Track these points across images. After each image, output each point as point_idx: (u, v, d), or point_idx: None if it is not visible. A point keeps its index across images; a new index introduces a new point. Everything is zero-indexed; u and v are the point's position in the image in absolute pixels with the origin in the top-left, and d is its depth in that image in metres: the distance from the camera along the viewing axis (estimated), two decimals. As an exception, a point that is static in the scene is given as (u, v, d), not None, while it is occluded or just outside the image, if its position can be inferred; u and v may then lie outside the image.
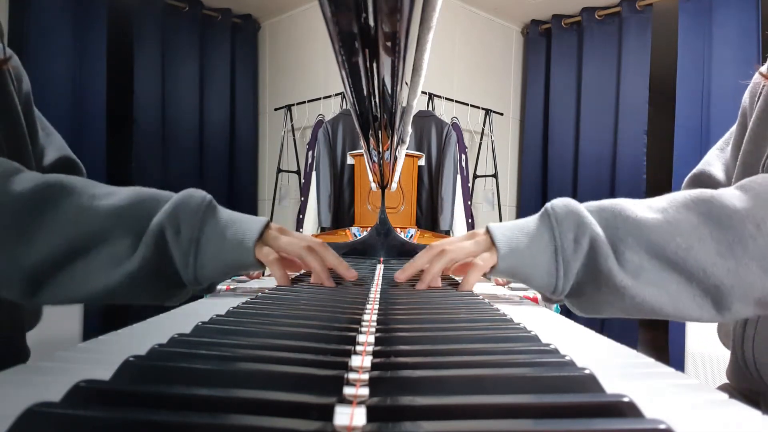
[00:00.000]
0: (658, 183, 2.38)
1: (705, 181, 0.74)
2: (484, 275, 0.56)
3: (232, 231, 0.51)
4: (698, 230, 0.46)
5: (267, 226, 0.55)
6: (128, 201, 0.49)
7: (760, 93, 0.63)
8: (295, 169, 2.89)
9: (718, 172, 0.73)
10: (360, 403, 0.23)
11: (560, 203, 0.51)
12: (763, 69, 0.64)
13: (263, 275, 0.84)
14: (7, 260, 0.45)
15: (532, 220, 0.53)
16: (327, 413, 0.20)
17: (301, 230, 2.50)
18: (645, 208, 0.49)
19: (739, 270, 0.45)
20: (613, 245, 0.48)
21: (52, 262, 0.46)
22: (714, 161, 0.74)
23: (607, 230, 0.48)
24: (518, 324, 0.39)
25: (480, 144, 2.92)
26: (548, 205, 0.52)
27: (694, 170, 0.77)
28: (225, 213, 0.53)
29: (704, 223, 0.47)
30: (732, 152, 0.71)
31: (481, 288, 0.78)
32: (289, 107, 2.89)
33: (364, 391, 0.24)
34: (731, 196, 0.48)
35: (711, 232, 0.46)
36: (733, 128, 0.72)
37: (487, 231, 0.54)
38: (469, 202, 2.60)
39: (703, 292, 0.46)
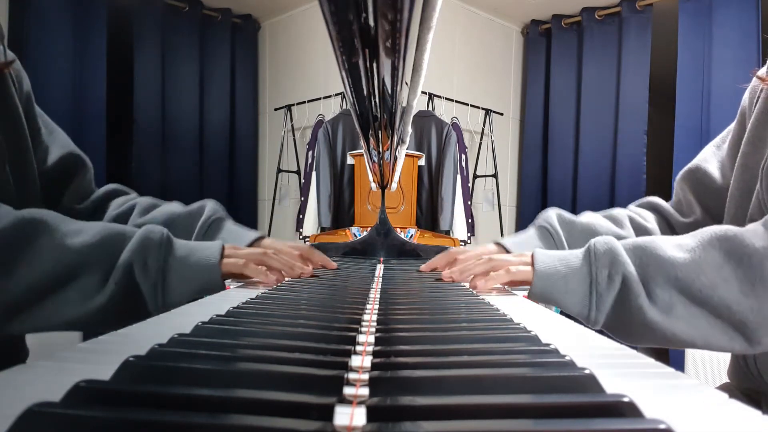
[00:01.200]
0: (658, 183, 2.38)
1: (700, 176, 0.75)
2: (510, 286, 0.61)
3: (195, 257, 0.56)
4: (722, 269, 0.49)
5: (223, 247, 0.59)
6: (98, 238, 0.53)
7: (759, 95, 0.63)
8: (295, 169, 2.89)
9: (713, 169, 0.73)
10: (360, 403, 0.23)
11: (601, 241, 0.55)
12: (761, 72, 0.64)
13: None
14: None
15: (575, 253, 0.57)
16: (327, 413, 0.20)
17: (301, 230, 2.49)
18: (675, 247, 0.52)
19: (762, 308, 0.47)
20: (645, 283, 0.51)
21: (28, 296, 0.49)
22: (710, 158, 0.75)
23: (640, 268, 0.52)
24: (518, 324, 0.39)
25: (480, 144, 2.92)
26: (592, 241, 0.56)
27: (690, 165, 0.78)
28: (182, 243, 0.57)
29: (728, 262, 0.49)
30: (729, 151, 0.72)
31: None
32: (289, 107, 2.89)
33: (364, 391, 0.24)
34: (754, 234, 0.50)
35: (734, 271, 0.49)
36: (731, 126, 0.72)
37: (532, 253, 0.59)
38: (469, 202, 2.60)
39: (731, 327, 0.49)
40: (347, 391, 0.24)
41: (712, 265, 0.50)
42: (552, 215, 0.79)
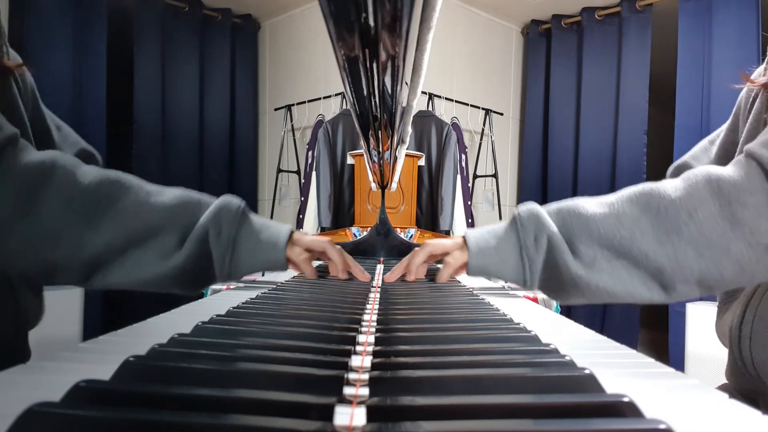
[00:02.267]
0: (658, 183, 2.37)
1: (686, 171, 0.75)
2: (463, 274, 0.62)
3: (265, 234, 0.58)
4: (640, 221, 0.52)
5: (293, 231, 0.61)
6: (177, 201, 0.55)
7: (753, 97, 0.63)
8: (295, 169, 2.89)
9: (702, 165, 0.73)
10: (360, 403, 0.23)
11: (524, 208, 0.58)
12: (755, 74, 0.64)
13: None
14: (72, 248, 0.49)
15: (502, 225, 0.59)
16: (327, 413, 0.20)
17: (301, 230, 2.49)
18: (596, 204, 0.55)
19: (677, 255, 0.50)
20: (569, 240, 0.54)
21: (111, 250, 0.50)
22: (700, 154, 0.76)
23: (563, 228, 0.54)
24: (518, 324, 0.39)
25: (480, 144, 2.92)
26: (515, 210, 0.58)
27: (679, 160, 0.78)
28: (257, 219, 0.59)
29: (644, 213, 0.52)
30: (720, 148, 0.72)
31: (479, 282, 0.78)
32: (289, 107, 2.89)
33: (364, 391, 0.24)
34: (670, 187, 0.53)
35: (651, 222, 0.52)
36: (725, 125, 0.73)
37: (463, 236, 0.61)
38: (469, 202, 2.60)
39: (649, 275, 0.51)
40: (347, 391, 0.24)
41: (631, 217, 0.52)
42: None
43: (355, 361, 0.30)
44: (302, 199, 2.56)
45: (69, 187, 0.51)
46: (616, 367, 0.30)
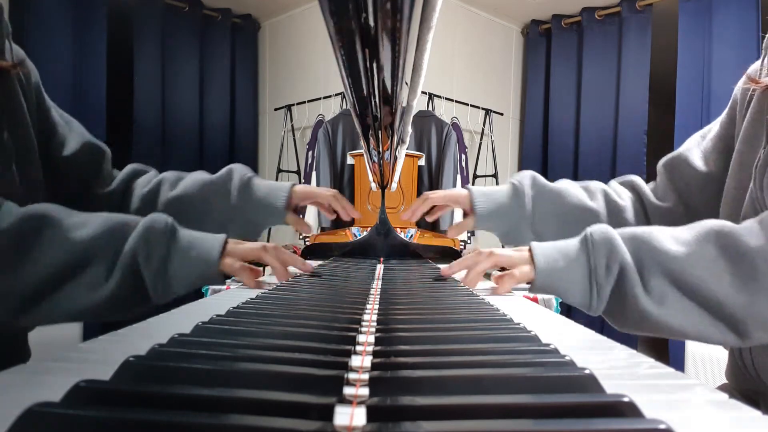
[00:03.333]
0: (658, 183, 2.37)
1: (678, 163, 0.76)
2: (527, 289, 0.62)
3: (196, 250, 0.57)
4: (716, 264, 0.50)
5: (226, 241, 0.60)
6: (101, 230, 0.53)
7: (751, 93, 0.63)
8: (295, 169, 2.89)
9: (695, 159, 0.74)
10: (360, 403, 0.23)
11: (598, 229, 0.56)
12: (752, 70, 0.64)
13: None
14: None
15: (572, 243, 0.57)
16: (327, 413, 0.20)
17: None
18: (671, 238, 0.53)
19: (753, 304, 0.48)
20: (640, 272, 0.52)
21: (37, 290, 0.50)
22: (693, 147, 0.76)
23: (635, 257, 0.52)
24: (518, 324, 0.39)
25: (480, 144, 2.92)
26: (588, 229, 0.56)
27: (673, 153, 0.78)
28: (186, 233, 0.58)
29: (722, 257, 0.50)
30: (714, 141, 0.72)
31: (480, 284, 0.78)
32: (289, 107, 2.89)
33: (364, 391, 0.24)
34: (749, 231, 0.51)
35: (727, 267, 0.49)
36: (719, 119, 0.73)
37: (530, 248, 0.59)
38: (469, 202, 2.59)
39: (722, 321, 0.50)
40: (347, 391, 0.24)
41: (706, 259, 0.50)
42: (526, 175, 0.83)
43: (355, 361, 0.30)
44: (302, 199, 2.55)
45: None
46: (616, 368, 0.30)
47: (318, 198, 0.86)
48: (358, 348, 0.33)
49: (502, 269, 0.65)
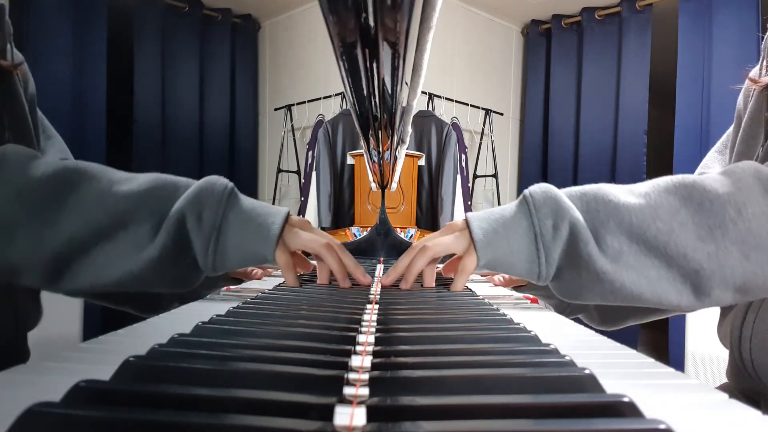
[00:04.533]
0: (658, 183, 2.37)
1: None
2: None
3: (255, 221, 0.50)
4: (679, 214, 0.46)
5: (287, 219, 0.53)
6: (148, 186, 0.48)
7: (752, 95, 0.63)
8: (295, 169, 2.89)
9: None
10: (360, 403, 0.23)
11: (538, 189, 0.51)
12: (752, 73, 0.64)
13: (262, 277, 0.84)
14: (30, 245, 0.45)
15: (509, 208, 0.52)
16: (327, 413, 0.20)
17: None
18: (627, 193, 0.49)
19: (720, 254, 0.45)
20: (594, 230, 0.47)
21: (73, 247, 0.45)
22: (713, 164, 0.74)
23: (588, 215, 0.48)
24: (518, 324, 0.39)
25: (480, 144, 2.92)
26: (526, 191, 0.51)
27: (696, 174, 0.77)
28: (247, 201, 0.52)
29: (685, 206, 0.46)
30: (730, 155, 0.72)
31: (483, 290, 0.78)
32: (289, 107, 2.89)
33: (364, 391, 0.24)
34: (713, 180, 0.48)
35: (692, 216, 0.46)
36: (730, 130, 0.73)
37: (467, 224, 0.52)
38: (469, 202, 2.60)
39: (682, 277, 0.46)
40: (347, 391, 0.24)
41: (669, 209, 0.47)
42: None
43: (355, 361, 0.30)
44: (302, 199, 2.56)
45: (18, 179, 0.46)
46: (616, 367, 0.30)
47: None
48: (358, 348, 0.33)
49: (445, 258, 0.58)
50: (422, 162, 2.44)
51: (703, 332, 2.07)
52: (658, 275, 0.46)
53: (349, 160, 2.36)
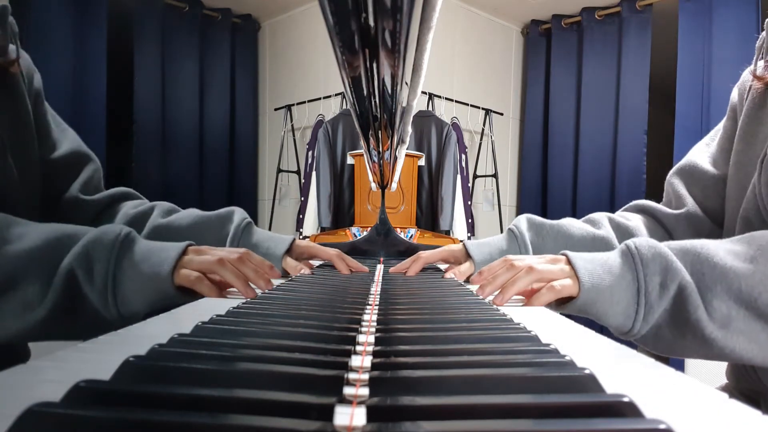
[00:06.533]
0: (658, 183, 2.37)
1: (690, 170, 0.75)
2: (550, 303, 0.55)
3: (148, 263, 0.50)
4: None
5: (184, 251, 0.53)
6: (40, 243, 0.48)
7: (749, 91, 0.63)
8: (295, 169, 2.89)
9: (704, 164, 0.74)
10: (360, 403, 0.23)
11: (645, 243, 0.50)
12: (753, 68, 0.64)
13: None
14: None
15: (613, 257, 0.51)
16: (327, 413, 0.20)
17: (301, 230, 2.50)
18: (731, 255, 0.48)
19: None
20: (701, 293, 0.46)
21: None
22: (699, 154, 0.76)
23: (693, 276, 0.47)
24: (518, 324, 0.39)
25: (480, 144, 2.92)
26: (630, 242, 0.50)
27: (681, 163, 0.78)
28: (143, 245, 0.52)
29: None
30: (721, 144, 0.72)
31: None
32: (289, 107, 2.89)
33: (364, 391, 0.24)
34: None
35: None
36: (720, 124, 0.73)
37: (568, 260, 0.52)
38: (469, 202, 2.60)
39: None
40: (347, 391, 0.24)
41: None
42: (521, 218, 0.78)
43: (355, 361, 0.30)
44: (302, 199, 2.56)
45: None
46: (616, 367, 0.30)
47: (320, 255, 0.79)
48: (358, 348, 0.33)
49: None
50: (422, 162, 2.44)
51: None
52: None
53: (349, 160, 2.36)
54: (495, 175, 2.85)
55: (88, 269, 0.47)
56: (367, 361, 0.29)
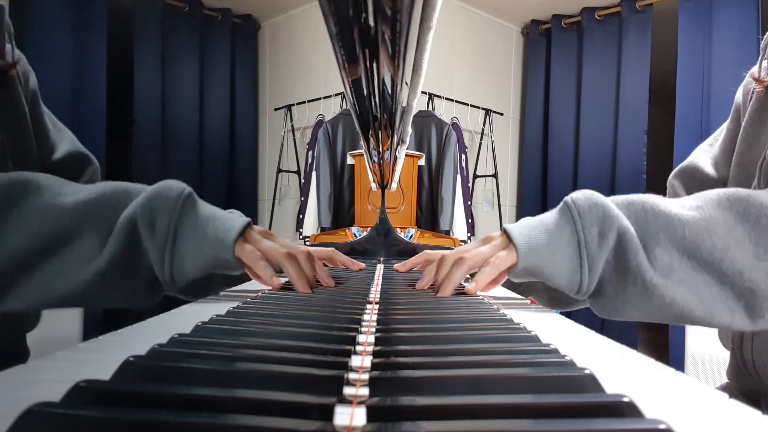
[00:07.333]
0: (658, 183, 2.38)
1: (691, 172, 0.75)
2: (504, 281, 0.54)
3: (213, 227, 0.48)
4: (736, 230, 0.44)
5: (249, 225, 0.52)
6: (96, 195, 0.46)
7: (752, 93, 0.63)
8: (295, 169, 2.89)
9: (706, 165, 0.73)
10: (360, 403, 0.23)
11: (582, 195, 0.48)
12: (754, 70, 0.64)
13: None
14: None
15: (550, 215, 0.50)
16: (327, 413, 0.20)
17: (301, 230, 2.50)
18: (677, 205, 0.47)
19: None
20: (643, 241, 0.45)
21: (16, 265, 0.44)
22: (702, 155, 0.75)
23: (636, 225, 0.46)
24: (518, 324, 0.39)
25: (480, 144, 2.92)
26: (568, 197, 0.49)
27: (683, 164, 0.78)
28: (206, 208, 0.50)
29: (741, 223, 0.45)
30: (723, 146, 0.72)
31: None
32: (289, 107, 2.89)
33: (364, 391, 0.24)
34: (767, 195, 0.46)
35: (749, 234, 0.44)
36: (724, 125, 0.73)
37: (504, 232, 0.51)
38: (469, 202, 2.60)
39: (736, 296, 0.44)
40: (347, 391, 0.24)
41: (724, 225, 0.44)
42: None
43: (355, 361, 0.30)
44: (302, 199, 2.56)
45: None
46: (616, 367, 0.30)
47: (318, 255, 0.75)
48: (358, 348, 0.33)
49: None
50: (422, 162, 2.44)
51: (703, 332, 2.07)
52: (711, 292, 0.44)
53: (349, 160, 2.36)
54: (495, 175, 2.85)
55: (151, 222, 0.46)
56: (367, 361, 0.29)
